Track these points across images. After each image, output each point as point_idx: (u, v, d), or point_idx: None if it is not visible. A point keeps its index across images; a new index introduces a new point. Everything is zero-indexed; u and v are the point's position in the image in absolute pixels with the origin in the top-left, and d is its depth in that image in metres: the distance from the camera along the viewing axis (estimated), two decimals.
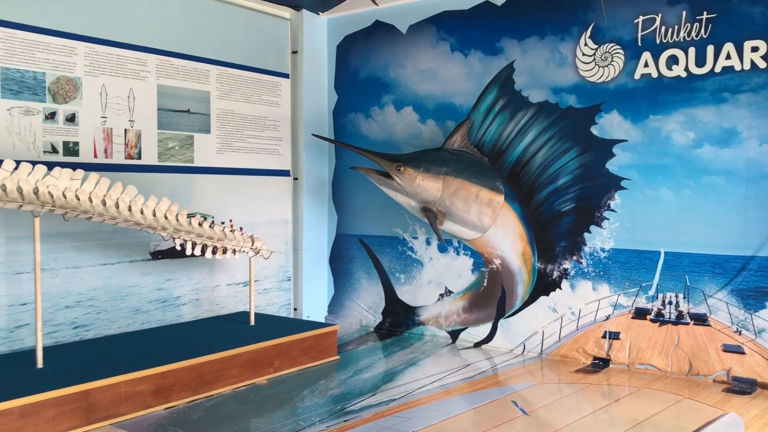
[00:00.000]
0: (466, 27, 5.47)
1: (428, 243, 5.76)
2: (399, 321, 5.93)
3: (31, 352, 3.86)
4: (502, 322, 5.37)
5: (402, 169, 5.14)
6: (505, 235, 5.30)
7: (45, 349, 3.82)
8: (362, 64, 6.10)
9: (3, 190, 3.45)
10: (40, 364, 3.73)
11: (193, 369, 3.96)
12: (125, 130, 4.84)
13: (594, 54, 4.89)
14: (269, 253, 4.99)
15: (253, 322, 4.97)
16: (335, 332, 5.02)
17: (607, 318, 4.91)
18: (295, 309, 6.19)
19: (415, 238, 5.82)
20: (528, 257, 5.24)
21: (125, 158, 4.84)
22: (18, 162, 3.57)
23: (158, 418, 3.66)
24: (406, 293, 5.91)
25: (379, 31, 5.98)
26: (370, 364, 4.89)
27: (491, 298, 5.42)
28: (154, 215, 4.16)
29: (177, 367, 3.88)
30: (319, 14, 6.21)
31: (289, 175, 6.12)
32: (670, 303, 4.66)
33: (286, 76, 6.05)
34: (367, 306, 6.14)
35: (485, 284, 5.45)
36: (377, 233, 6.06)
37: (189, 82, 5.25)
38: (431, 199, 5.22)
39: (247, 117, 5.73)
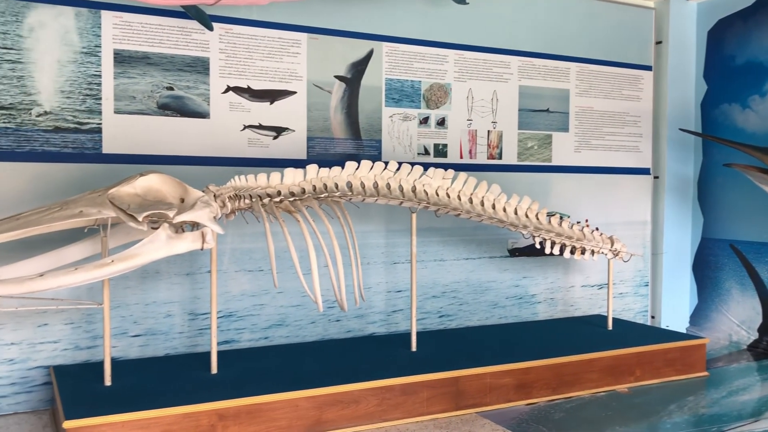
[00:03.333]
0: None
1: None
2: None
3: (405, 336, 4.24)
4: None
5: None
6: None
7: (416, 335, 4.15)
8: (739, 49, 5.44)
9: (388, 188, 3.84)
10: (414, 347, 4.08)
11: (552, 368, 3.95)
12: (488, 131, 5.04)
13: None
14: (629, 255, 4.75)
15: (610, 327, 4.79)
16: (704, 346, 4.56)
17: None
18: (652, 317, 5.81)
19: None
20: None
21: (487, 158, 5.04)
22: (399, 163, 3.94)
23: (520, 413, 3.73)
24: None
25: (763, 9, 5.26)
26: (746, 386, 4.34)
27: None
28: (516, 213, 4.25)
29: (538, 364, 3.90)
30: None
31: (648, 174, 5.76)
32: None
33: (648, 68, 5.70)
34: (739, 320, 5.47)
35: None
36: (753, 239, 5.35)
37: (549, 81, 5.26)
38: None
39: (606, 113, 5.53)
